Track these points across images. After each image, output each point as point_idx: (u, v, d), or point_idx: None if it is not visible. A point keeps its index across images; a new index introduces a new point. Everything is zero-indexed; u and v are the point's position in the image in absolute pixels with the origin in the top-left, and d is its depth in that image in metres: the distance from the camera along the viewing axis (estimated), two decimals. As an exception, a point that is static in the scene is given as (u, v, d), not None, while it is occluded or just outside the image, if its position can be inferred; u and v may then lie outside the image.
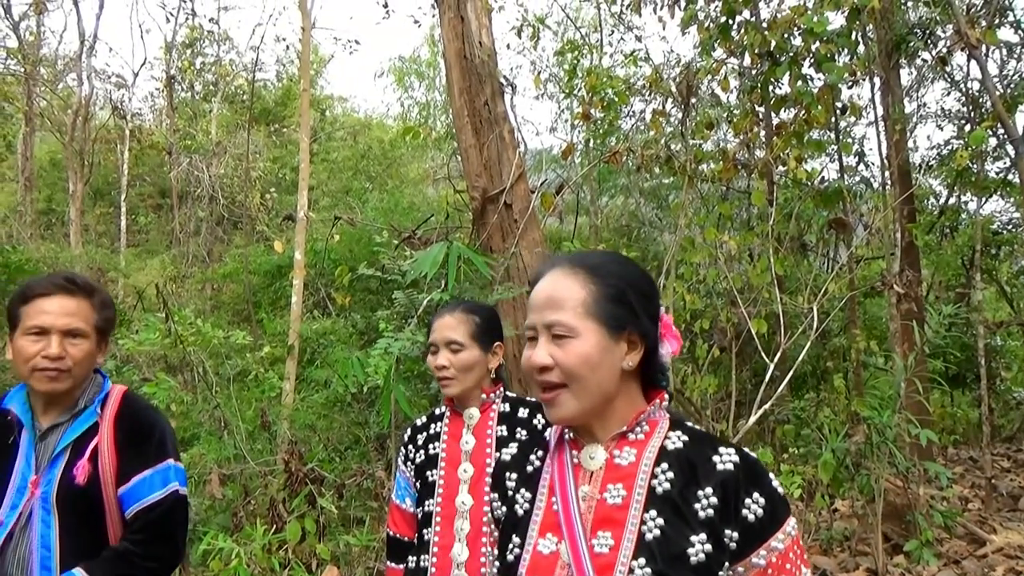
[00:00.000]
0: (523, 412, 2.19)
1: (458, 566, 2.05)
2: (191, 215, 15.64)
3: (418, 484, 2.20)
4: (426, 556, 2.09)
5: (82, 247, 14.31)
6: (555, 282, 1.29)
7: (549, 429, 1.43)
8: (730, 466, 1.22)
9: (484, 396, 2.20)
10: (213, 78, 17.10)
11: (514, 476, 1.42)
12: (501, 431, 2.16)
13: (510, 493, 1.41)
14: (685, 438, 1.29)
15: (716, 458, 1.23)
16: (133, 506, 1.95)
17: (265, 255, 11.23)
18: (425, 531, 2.12)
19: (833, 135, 7.52)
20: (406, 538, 2.21)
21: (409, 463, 2.24)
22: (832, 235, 7.81)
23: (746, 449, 1.26)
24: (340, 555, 4.68)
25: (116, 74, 17.36)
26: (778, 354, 4.94)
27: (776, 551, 1.20)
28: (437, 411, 2.27)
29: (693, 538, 1.18)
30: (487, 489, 2.07)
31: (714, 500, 1.20)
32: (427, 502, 2.14)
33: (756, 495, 1.20)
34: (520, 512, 1.36)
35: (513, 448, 1.50)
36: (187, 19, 15.88)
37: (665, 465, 1.25)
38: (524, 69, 16.14)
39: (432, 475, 2.15)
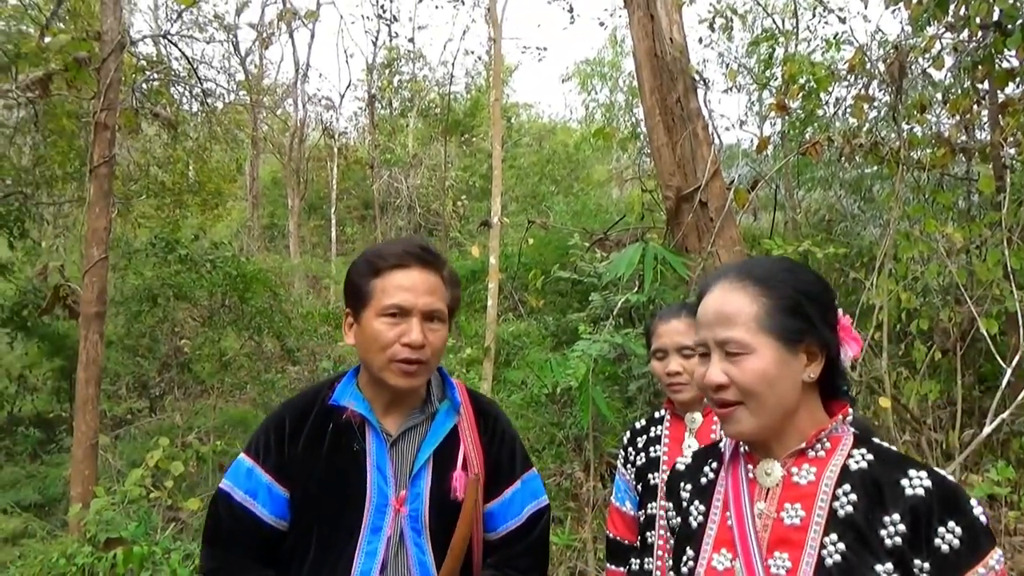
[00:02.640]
0: None
1: None
2: (392, 224, 16.67)
3: (639, 487, 2.17)
4: (650, 559, 2.06)
5: (300, 256, 15.84)
6: (723, 296, 1.25)
7: (723, 440, 1.39)
8: (921, 491, 1.14)
9: (706, 400, 2.14)
10: (409, 95, 18.17)
11: (688, 487, 1.40)
12: None
13: (684, 504, 1.39)
14: (870, 457, 1.21)
15: (905, 481, 1.16)
16: (507, 524, 1.68)
17: (459, 260, 11.70)
18: (648, 534, 2.09)
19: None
20: (626, 541, 2.19)
21: (629, 466, 2.22)
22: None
23: (942, 472, 1.17)
24: (541, 552, 4.80)
25: (325, 97, 19.02)
26: (1016, 357, 4.43)
27: None
28: (656, 414, 2.24)
29: (878, 567, 1.11)
30: None
31: (902, 527, 1.12)
32: (649, 505, 2.11)
33: (952, 524, 1.11)
34: (694, 525, 1.34)
35: (687, 458, 1.46)
36: (386, 42, 16.98)
37: (848, 487, 1.19)
38: (711, 63, 15.62)
39: (654, 478, 2.12)
